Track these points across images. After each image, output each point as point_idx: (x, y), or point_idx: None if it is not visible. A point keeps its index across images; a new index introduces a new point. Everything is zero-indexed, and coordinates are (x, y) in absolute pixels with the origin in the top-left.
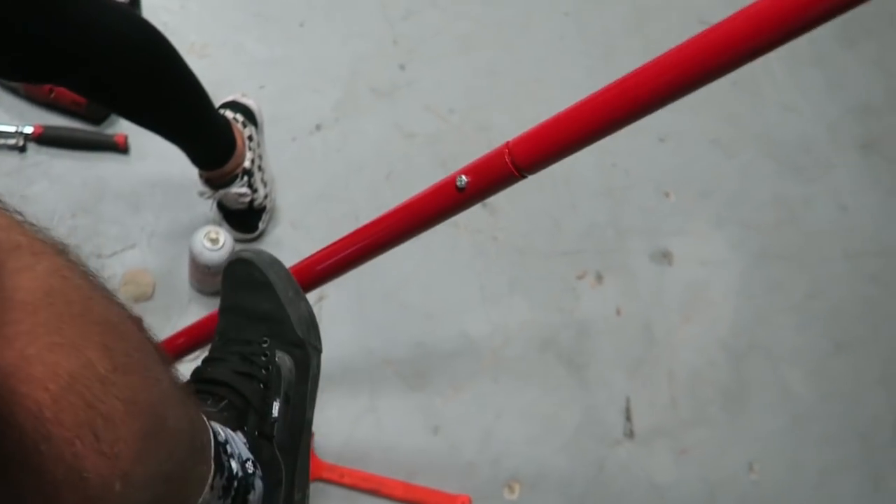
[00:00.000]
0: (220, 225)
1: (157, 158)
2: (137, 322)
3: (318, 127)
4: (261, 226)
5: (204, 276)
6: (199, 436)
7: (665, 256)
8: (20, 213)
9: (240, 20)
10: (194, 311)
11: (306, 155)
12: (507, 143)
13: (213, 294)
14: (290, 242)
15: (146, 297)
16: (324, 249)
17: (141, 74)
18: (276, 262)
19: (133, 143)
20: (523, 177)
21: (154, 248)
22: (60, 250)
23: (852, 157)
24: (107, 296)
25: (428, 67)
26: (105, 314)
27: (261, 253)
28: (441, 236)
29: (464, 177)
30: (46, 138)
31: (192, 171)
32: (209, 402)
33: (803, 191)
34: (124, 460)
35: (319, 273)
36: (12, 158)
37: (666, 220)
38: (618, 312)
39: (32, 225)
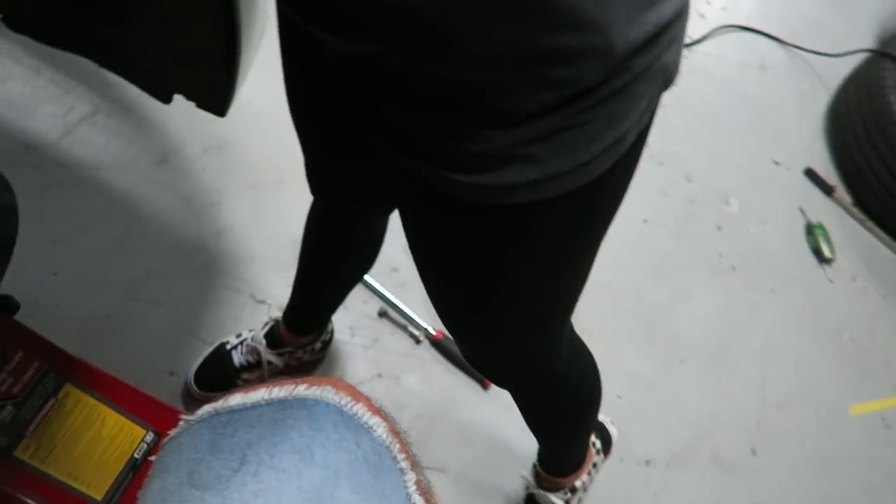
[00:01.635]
0: None
1: (506, 411)
2: None
3: (647, 462)
4: None
5: None
6: None
7: None
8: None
9: (633, 328)
10: None
11: (621, 483)
12: None
13: None
14: None
15: None
16: None
17: (566, 415)
18: None
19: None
20: None
21: (459, 486)
22: None
23: None
24: None
25: (777, 464)
26: None
27: None
28: None
29: None
30: (439, 345)
31: (526, 441)
32: None
33: None
34: None
35: None
36: (407, 344)
37: None
38: None
39: None
